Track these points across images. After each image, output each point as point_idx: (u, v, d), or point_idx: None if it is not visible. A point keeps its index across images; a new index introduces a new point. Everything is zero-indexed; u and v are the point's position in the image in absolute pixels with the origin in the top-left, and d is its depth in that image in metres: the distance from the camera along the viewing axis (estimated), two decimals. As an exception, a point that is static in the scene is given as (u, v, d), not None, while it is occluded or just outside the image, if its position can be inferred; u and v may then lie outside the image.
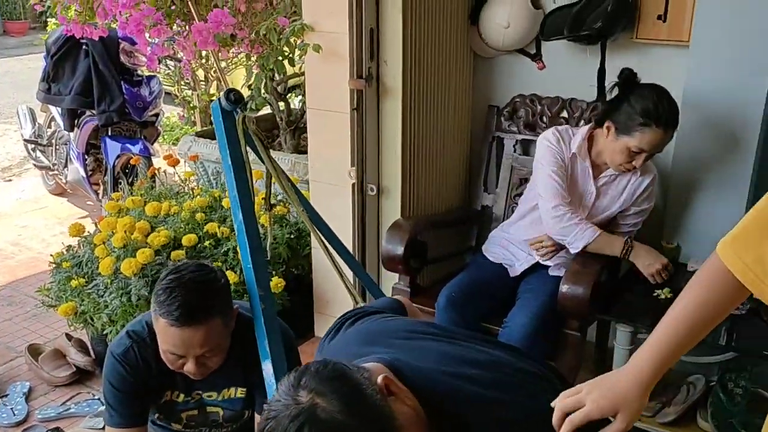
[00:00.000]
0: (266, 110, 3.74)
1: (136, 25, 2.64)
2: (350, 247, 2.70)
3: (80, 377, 2.84)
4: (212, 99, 3.90)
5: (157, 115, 4.21)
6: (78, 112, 4.12)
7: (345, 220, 2.71)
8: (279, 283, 2.68)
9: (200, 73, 4.73)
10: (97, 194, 4.22)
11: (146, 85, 4.07)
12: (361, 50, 2.52)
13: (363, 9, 2.47)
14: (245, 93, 3.15)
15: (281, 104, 3.60)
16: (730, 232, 1.10)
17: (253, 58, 3.02)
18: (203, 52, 3.72)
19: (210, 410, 1.92)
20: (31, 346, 2.96)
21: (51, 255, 2.90)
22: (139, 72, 4.09)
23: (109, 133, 4.03)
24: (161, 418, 1.92)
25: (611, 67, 2.56)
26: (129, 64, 3.97)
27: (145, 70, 4.10)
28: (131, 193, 3.10)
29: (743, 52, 2.27)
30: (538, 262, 2.46)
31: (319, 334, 3.01)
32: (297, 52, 2.83)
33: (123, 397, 1.81)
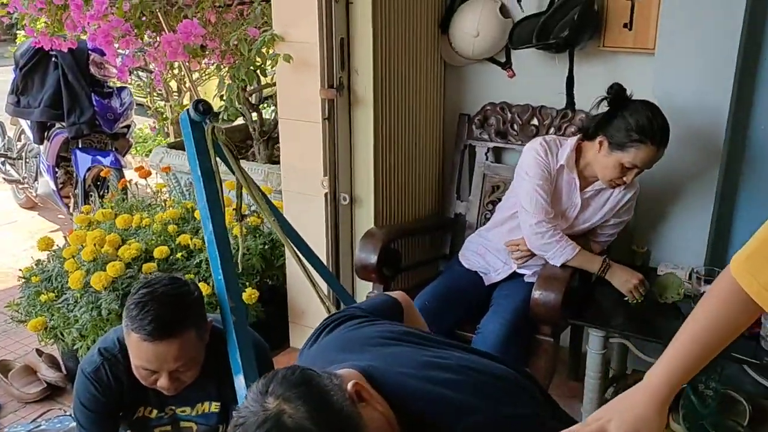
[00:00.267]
0: (240, 121, 3.73)
1: (104, 37, 2.62)
2: (324, 256, 2.70)
3: (51, 393, 2.79)
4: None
5: (128, 127, 4.18)
6: (48, 124, 4.09)
7: (318, 230, 2.71)
8: (253, 294, 2.66)
9: (173, 84, 4.72)
10: (68, 207, 4.17)
11: (117, 96, 4.04)
12: (332, 60, 2.53)
13: (333, 19, 2.48)
14: (218, 104, 3.17)
15: (254, 115, 3.60)
16: (744, 249, 1.08)
17: (225, 69, 3.01)
18: (175, 63, 3.70)
19: (184, 425, 1.89)
20: (1, 362, 2.91)
21: (20, 270, 2.86)
22: (109, 83, 4.06)
23: (80, 146, 3.99)
24: None
25: (579, 75, 2.60)
26: (99, 75, 3.94)
27: (116, 82, 4.08)
28: (102, 206, 3.06)
29: (707, 58, 2.31)
30: (515, 271, 2.48)
31: (294, 345, 3.00)
32: (269, 63, 2.83)
33: (95, 417, 1.78)
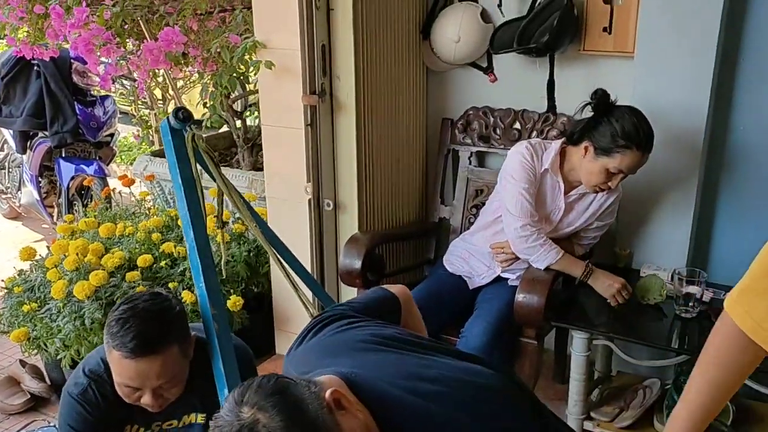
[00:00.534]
0: (225, 128, 3.73)
1: (85, 45, 2.61)
2: (308, 262, 2.70)
3: (35, 404, 2.77)
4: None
5: (112, 135, 4.17)
6: (30, 134, 4.06)
7: (302, 236, 2.71)
8: (237, 301, 2.65)
9: (158, 93, 4.70)
10: (52, 217, 4.15)
11: (100, 104, 4.02)
12: (314, 66, 2.53)
13: (314, 25, 2.48)
14: (201, 111, 3.16)
15: (238, 122, 3.59)
16: (737, 285, 1.06)
17: (207, 77, 3.01)
18: (158, 71, 3.69)
19: None
20: (-16, 374, 2.89)
21: (2, 280, 2.84)
22: (92, 92, 4.04)
23: (63, 155, 3.97)
24: None
25: (560, 79, 2.62)
26: (82, 84, 3.92)
27: (100, 90, 4.06)
28: (85, 215, 3.05)
29: (686, 61, 2.33)
30: (499, 275, 2.48)
31: (280, 352, 2.99)
32: (251, 69, 2.83)
33: None
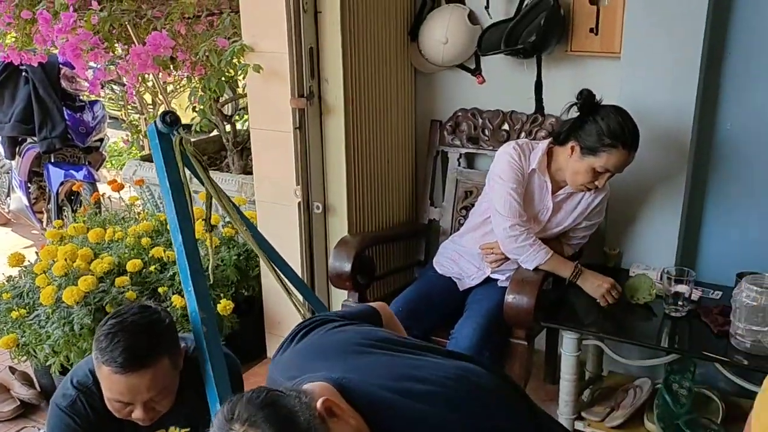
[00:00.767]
0: (216, 132, 3.73)
1: (73, 50, 2.60)
2: (298, 265, 2.70)
3: (25, 411, 2.76)
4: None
5: (101, 140, 4.16)
6: (19, 139, 4.05)
7: (292, 239, 2.71)
8: (228, 305, 2.65)
9: (147, 97, 4.69)
10: (42, 223, 4.13)
11: (89, 110, 4.01)
12: (302, 69, 2.53)
13: (302, 28, 2.49)
14: (191, 115, 3.15)
15: (227, 126, 3.59)
16: None
17: (196, 81, 3.01)
18: (147, 76, 3.69)
19: None
20: (-27, 381, 2.87)
21: (-9, 286, 2.82)
22: (81, 97, 4.03)
23: (52, 160, 3.96)
24: None
25: (548, 80, 2.63)
26: (70, 89, 3.91)
27: (89, 95, 4.05)
28: (75, 220, 3.04)
29: (672, 61, 2.34)
30: (489, 276, 2.49)
31: (271, 355, 2.98)
32: (239, 73, 2.83)
33: None
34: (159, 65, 2.71)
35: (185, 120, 3.14)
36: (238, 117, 3.76)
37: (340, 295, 2.71)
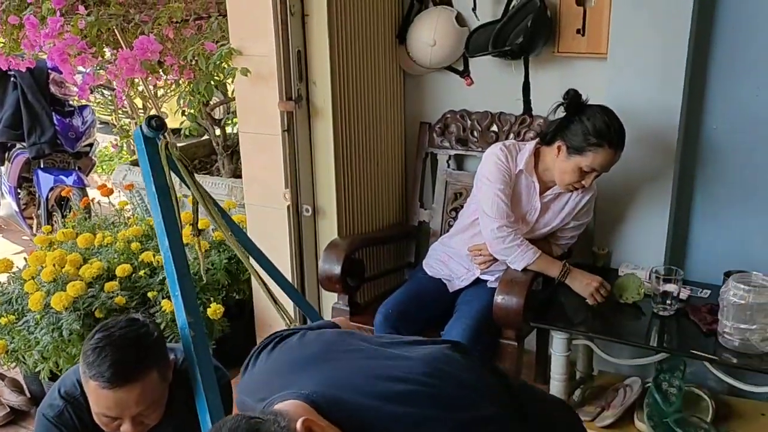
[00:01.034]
0: (207, 136, 3.72)
1: (60, 55, 2.60)
2: (288, 268, 2.69)
3: (15, 417, 2.75)
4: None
5: (91, 145, 4.14)
6: (8, 145, 4.04)
7: (282, 242, 2.70)
8: (218, 309, 2.64)
9: (138, 102, 4.68)
10: (32, 228, 4.12)
11: (79, 114, 4.00)
12: (290, 72, 2.53)
13: (289, 31, 2.48)
14: (181, 119, 3.14)
15: (217, 130, 3.59)
16: None
17: (184, 85, 3.00)
18: (136, 80, 3.68)
19: None
20: (-38, 388, 2.85)
21: (-21, 293, 2.81)
22: (70, 102, 4.02)
23: (42, 166, 3.95)
24: None
25: (536, 81, 2.64)
26: (59, 94, 3.90)
27: (78, 100, 4.04)
28: (64, 226, 3.03)
29: (658, 61, 2.35)
30: (478, 277, 2.49)
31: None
32: (227, 76, 2.82)
33: None
34: (147, 69, 2.71)
35: (175, 124, 3.14)
36: (228, 121, 3.75)
37: (330, 298, 2.71)
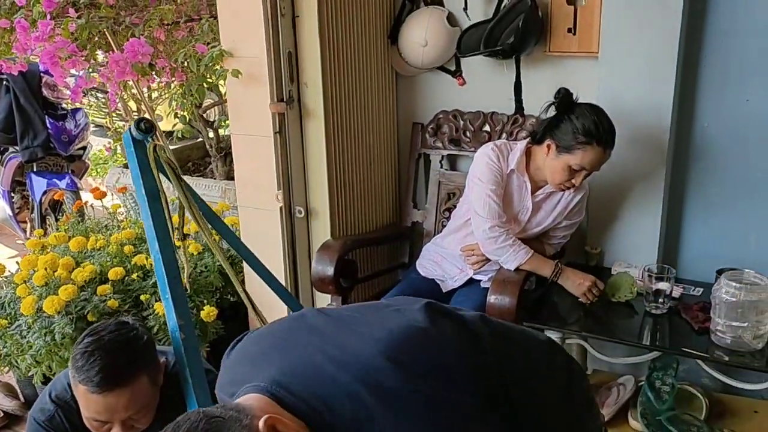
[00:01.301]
0: (201, 138, 3.72)
1: (50, 58, 2.59)
2: (281, 270, 2.69)
3: (9, 422, 2.75)
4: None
5: (84, 149, 4.13)
6: (1, 149, 4.02)
7: (275, 244, 2.70)
8: (211, 311, 2.63)
9: (132, 104, 4.67)
10: (26, 232, 4.11)
11: (72, 118, 3.99)
12: (281, 74, 2.53)
13: (280, 33, 2.48)
14: (174, 122, 3.15)
15: (210, 132, 3.58)
16: None
17: (175, 87, 3.00)
18: (129, 83, 3.68)
19: None
20: (-44, 393, 2.85)
21: (-28, 298, 2.80)
22: (63, 105, 4.01)
23: (35, 169, 3.93)
24: None
25: (527, 80, 2.64)
26: (52, 97, 3.89)
27: (73, 103, 4.03)
28: (57, 229, 3.02)
29: (649, 59, 2.36)
30: (471, 277, 2.49)
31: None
32: (218, 78, 2.82)
33: None
34: (137, 72, 2.70)
35: (168, 127, 3.14)
36: (222, 123, 3.75)
37: (323, 299, 2.71)
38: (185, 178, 2.87)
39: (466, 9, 2.65)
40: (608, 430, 2.30)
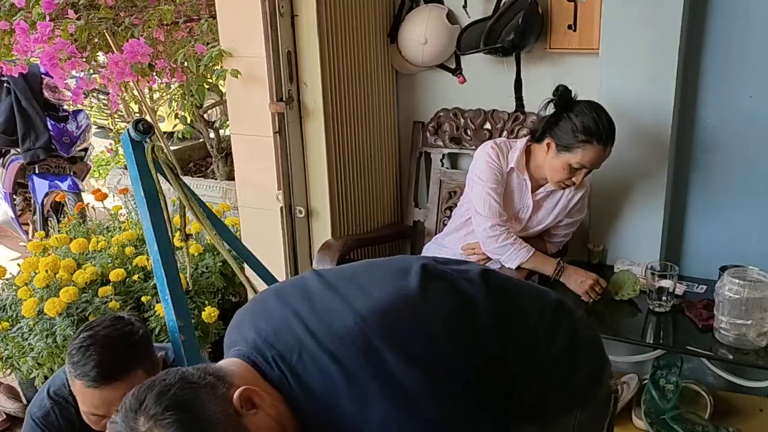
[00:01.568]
0: (202, 138, 3.72)
1: (50, 60, 2.58)
2: (282, 270, 2.68)
3: (11, 424, 2.75)
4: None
5: (86, 150, 4.13)
6: (2, 151, 4.03)
7: (275, 244, 2.69)
8: (213, 312, 2.62)
9: (134, 106, 4.67)
10: (28, 234, 4.11)
11: (73, 119, 3.99)
12: (280, 73, 2.52)
13: (279, 32, 2.47)
14: (173, 122, 3.15)
15: (211, 132, 3.58)
16: None
17: (175, 87, 2.99)
18: (130, 84, 3.67)
19: None
20: (-41, 396, 2.85)
21: (-26, 300, 2.80)
22: (64, 107, 4.01)
23: (37, 171, 3.93)
24: None
25: (528, 78, 2.62)
26: (53, 99, 3.89)
27: (74, 105, 4.03)
28: (59, 231, 3.02)
29: (650, 56, 2.34)
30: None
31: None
32: (218, 78, 2.81)
33: None
34: (137, 73, 2.69)
35: (170, 128, 3.14)
36: (222, 123, 3.74)
37: (325, 300, 2.70)
38: (186, 179, 2.89)
39: (465, 6, 2.64)
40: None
